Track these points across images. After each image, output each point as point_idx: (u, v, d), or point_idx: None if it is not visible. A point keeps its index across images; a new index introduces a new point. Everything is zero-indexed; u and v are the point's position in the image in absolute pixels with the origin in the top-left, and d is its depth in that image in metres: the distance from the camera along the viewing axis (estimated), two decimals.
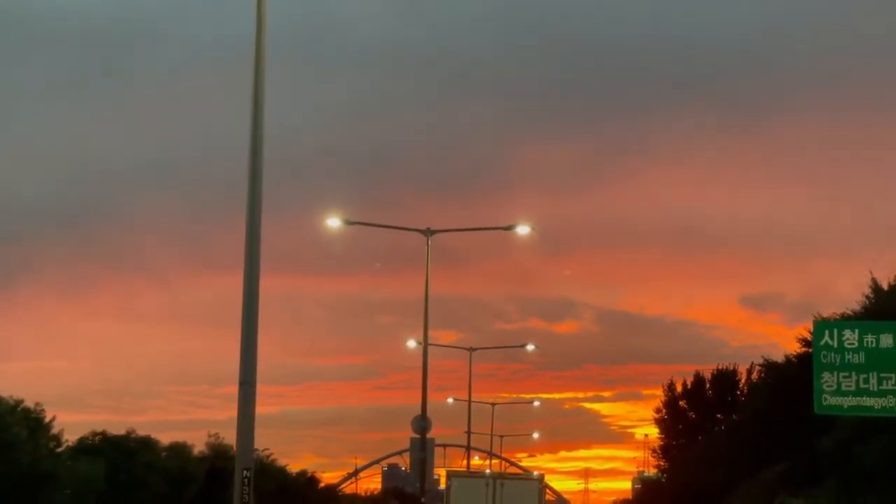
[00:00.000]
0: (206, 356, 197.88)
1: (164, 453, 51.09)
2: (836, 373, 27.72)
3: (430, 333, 38.95)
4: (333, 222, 40.39)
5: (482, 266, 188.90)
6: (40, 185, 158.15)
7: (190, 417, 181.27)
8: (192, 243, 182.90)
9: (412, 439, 40.27)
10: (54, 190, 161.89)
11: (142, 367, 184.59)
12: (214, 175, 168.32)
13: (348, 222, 40.57)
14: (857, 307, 46.50)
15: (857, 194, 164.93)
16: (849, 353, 27.71)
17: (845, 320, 40.56)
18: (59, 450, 43.63)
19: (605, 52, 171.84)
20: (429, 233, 40.12)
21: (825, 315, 55.86)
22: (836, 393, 27.75)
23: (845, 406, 27.80)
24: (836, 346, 27.84)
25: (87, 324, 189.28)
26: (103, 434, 49.13)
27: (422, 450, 38.95)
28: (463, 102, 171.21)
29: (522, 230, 41.29)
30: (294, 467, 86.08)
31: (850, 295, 59.81)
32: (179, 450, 51.90)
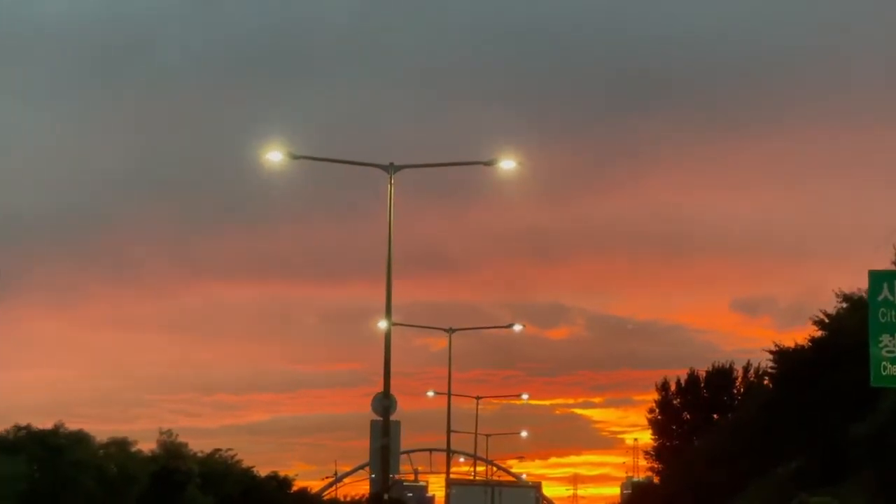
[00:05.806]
0: (194, 364, 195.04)
1: (101, 451, 45.17)
2: None
3: (420, 341, 33.59)
4: (275, 156, 34.24)
5: (473, 272, 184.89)
6: (32, 194, 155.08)
7: (179, 426, 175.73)
8: (182, 252, 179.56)
9: (373, 422, 34.43)
10: (46, 199, 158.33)
11: (131, 375, 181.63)
12: (206, 184, 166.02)
13: (293, 156, 34.45)
14: None
15: (849, 199, 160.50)
16: None
17: None
18: None
19: (599, 55, 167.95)
20: (392, 168, 34.14)
21: (821, 316, 51.37)
22: None
23: None
24: None
25: (76, 332, 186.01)
26: (27, 428, 43.40)
27: (384, 435, 33.27)
28: (455, 106, 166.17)
29: (506, 164, 35.25)
30: (264, 472, 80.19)
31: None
32: (120, 446, 45.94)
